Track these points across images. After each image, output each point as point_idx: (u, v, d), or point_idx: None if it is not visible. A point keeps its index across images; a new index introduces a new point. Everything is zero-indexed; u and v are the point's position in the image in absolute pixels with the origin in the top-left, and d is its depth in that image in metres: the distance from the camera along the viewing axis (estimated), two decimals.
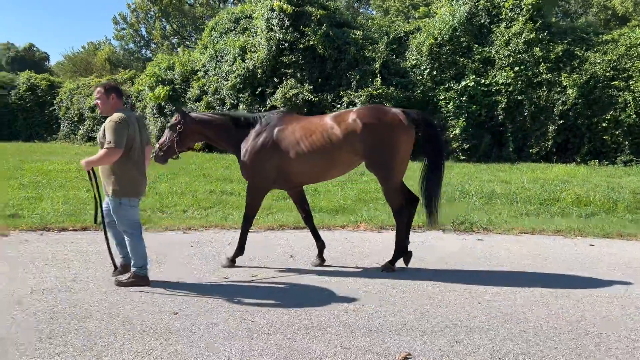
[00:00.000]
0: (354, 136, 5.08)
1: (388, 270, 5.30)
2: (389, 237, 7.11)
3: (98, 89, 4.83)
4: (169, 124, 5.72)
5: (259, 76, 18.30)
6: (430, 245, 6.56)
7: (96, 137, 21.49)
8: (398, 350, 3.42)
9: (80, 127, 23.58)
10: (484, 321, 3.93)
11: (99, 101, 4.79)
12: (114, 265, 5.04)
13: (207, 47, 20.83)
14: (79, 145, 22.80)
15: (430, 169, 5.38)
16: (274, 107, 17.77)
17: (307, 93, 17.09)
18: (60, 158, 17.14)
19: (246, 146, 5.39)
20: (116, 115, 4.65)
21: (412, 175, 5.99)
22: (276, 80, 18.13)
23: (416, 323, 3.89)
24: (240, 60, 18.63)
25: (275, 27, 17.94)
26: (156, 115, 20.57)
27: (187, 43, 47.96)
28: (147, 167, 5.06)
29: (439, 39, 16.97)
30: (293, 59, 17.79)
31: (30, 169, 13.90)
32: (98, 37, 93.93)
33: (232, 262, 5.50)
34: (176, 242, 6.73)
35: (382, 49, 17.30)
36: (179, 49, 46.22)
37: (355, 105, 16.58)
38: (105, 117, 4.75)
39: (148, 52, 49.25)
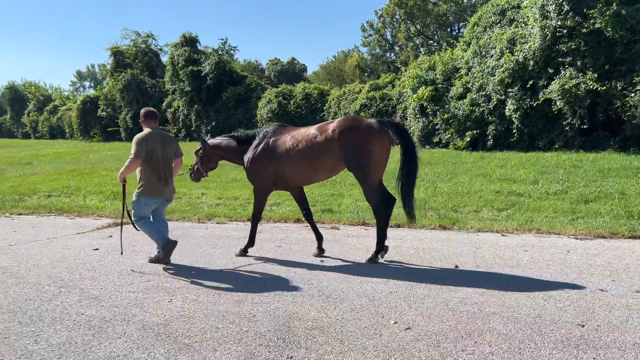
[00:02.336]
0: (333, 143, 5.72)
1: (372, 262, 5.84)
2: None
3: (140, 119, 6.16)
4: (195, 151, 6.89)
5: (530, 68, 17.13)
6: None
7: None
8: None
9: None
10: None
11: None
12: (121, 250, 6.27)
13: (470, 43, 20.40)
14: None
15: (404, 169, 5.85)
16: (548, 101, 16.42)
17: (590, 82, 15.27)
18: None
19: (248, 156, 6.31)
20: (138, 134, 5.94)
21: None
22: (551, 71, 16.69)
23: None
24: (508, 54, 17.73)
25: (552, 14, 16.50)
26: (418, 116, 21.02)
27: (431, 42, 48.29)
28: (175, 175, 6.26)
29: None
30: (573, 46, 16.12)
31: None
32: (348, 45, 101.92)
33: (244, 253, 6.32)
34: (511, 245, 6.55)
35: None
36: (420, 50, 46.87)
37: None
38: None
39: (392, 55, 51.18)
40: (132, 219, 5.98)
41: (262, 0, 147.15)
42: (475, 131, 18.64)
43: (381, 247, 5.91)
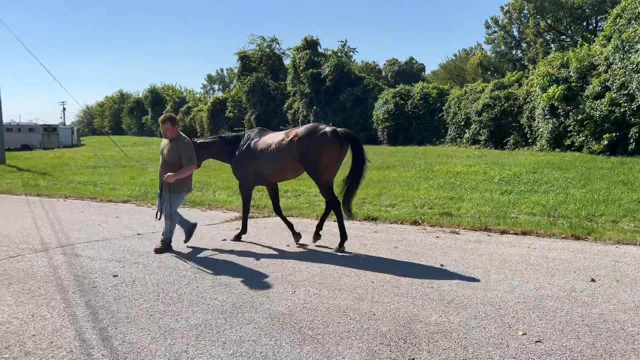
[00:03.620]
0: (293, 147, 6.59)
1: (340, 251, 6.58)
2: None
3: (167, 124, 6.55)
4: None
5: None
6: None
7: (480, 141, 21.80)
8: None
9: (466, 130, 24.76)
10: None
11: (167, 132, 6.56)
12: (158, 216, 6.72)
13: (611, 37, 18.57)
14: (464, 148, 23.97)
15: (352, 173, 6.68)
16: None
17: None
18: (456, 160, 18.29)
19: (236, 155, 7.12)
20: (188, 140, 6.71)
21: None
22: None
23: None
24: None
25: None
26: (547, 117, 19.61)
27: (563, 37, 44.77)
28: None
29: None
30: None
31: (440, 171, 15.22)
32: (469, 43, 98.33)
33: (238, 239, 7.21)
34: None
35: None
36: (551, 46, 43.60)
37: None
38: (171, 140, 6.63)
39: (519, 52, 48.31)
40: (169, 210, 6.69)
41: (381, 0, 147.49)
42: (614, 134, 16.96)
43: (345, 238, 6.70)
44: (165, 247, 6.65)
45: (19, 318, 4.27)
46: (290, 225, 7.25)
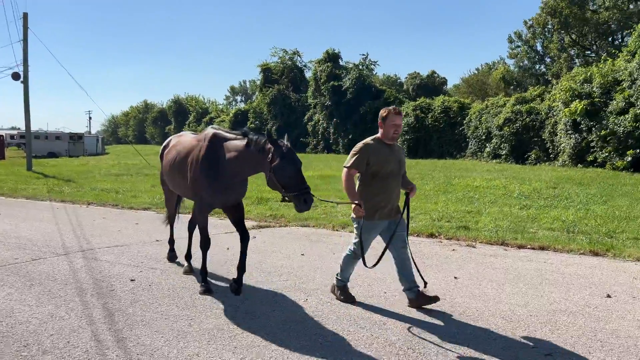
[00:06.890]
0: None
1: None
2: None
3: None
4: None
5: None
6: None
7: (501, 155, 21.61)
8: None
9: (487, 145, 24.60)
10: None
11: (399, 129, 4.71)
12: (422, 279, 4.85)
13: (636, 53, 18.35)
14: (485, 162, 23.78)
15: None
16: None
17: None
18: (476, 174, 18.16)
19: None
20: None
21: None
22: None
23: None
24: None
25: None
26: (569, 132, 19.39)
27: (588, 53, 44.26)
28: None
29: None
30: None
31: (459, 185, 15.14)
32: (492, 58, 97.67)
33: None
34: None
35: None
36: (575, 61, 43.13)
37: None
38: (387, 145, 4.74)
39: (542, 67, 47.89)
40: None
41: (404, 14, 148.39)
42: (638, 150, 16.68)
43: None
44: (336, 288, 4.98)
45: (39, 318, 4.40)
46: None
